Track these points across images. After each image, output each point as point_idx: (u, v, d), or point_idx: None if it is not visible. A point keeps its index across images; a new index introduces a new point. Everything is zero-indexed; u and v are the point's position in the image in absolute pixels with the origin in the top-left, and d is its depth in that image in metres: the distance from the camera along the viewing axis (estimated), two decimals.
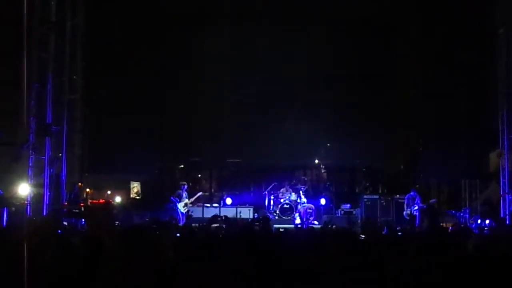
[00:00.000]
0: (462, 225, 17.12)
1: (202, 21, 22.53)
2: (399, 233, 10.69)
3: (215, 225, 11.34)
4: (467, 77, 20.95)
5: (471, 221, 18.55)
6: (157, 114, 22.54)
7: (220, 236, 7.92)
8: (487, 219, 18.31)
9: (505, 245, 6.16)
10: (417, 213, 18.71)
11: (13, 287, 4.47)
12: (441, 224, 17.42)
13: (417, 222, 18.50)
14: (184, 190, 19.79)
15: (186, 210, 19.54)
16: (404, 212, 19.15)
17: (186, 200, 19.59)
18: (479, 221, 18.38)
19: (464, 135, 20.84)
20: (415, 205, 18.81)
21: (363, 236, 9.22)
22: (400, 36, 22.88)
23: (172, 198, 19.61)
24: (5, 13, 16.68)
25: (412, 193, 19.22)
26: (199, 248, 6.33)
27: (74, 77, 19.83)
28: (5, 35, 16.61)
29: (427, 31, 21.94)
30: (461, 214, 19.26)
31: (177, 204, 19.40)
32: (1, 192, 14.26)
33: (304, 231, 10.89)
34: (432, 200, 19.31)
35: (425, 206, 18.79)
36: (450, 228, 13.67)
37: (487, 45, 19.85)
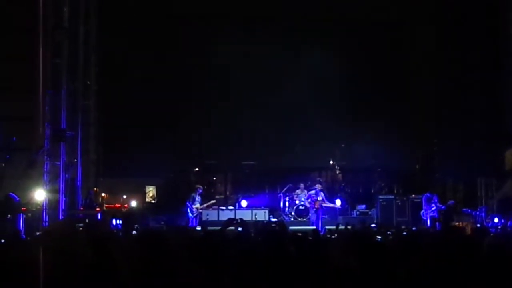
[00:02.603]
0: (479, 225, 17.01)
1: (215, 24, 22.57)
2: (404, 233, 10.65)
3: (231, 228, 11.30)
4: (482, 76, 20.83)
5: (487, 220, 18.43)
6: (171, 117, 22.57)
7: (236, 238, 7.89)
8: (506, 217, 18.16)
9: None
10: (435, 214, 18.57)
11: None
12: (457, 223, 17.32)
13: (436, 222, 18.32)
14: (198, 194, 19.78)
15: (195, 214, 19.51)
16: (421, 212, 19.03)
17: (198, 205, 19.58)
18: (496, 219, 18.23)
19: (479, 133, 20.70)
20: (433, 205, 18.67)
21: (379, 237, 9.18)
22: (412, 36, 22.80)
23: (187, 202, 19.61)
24: (19, 20, 16.83)
25: (428, 193, 19.09)
26: (215, 251, 6.32)
27: (88, 82, 19.94)
28: (20, 42, 16.75)
29: (439, 30, 21.86)
30: (477, 213, 19.14)
31: (190, 208, 19.43)
32: (18, 199, 14.34)
33: (319, 233, 10.85)
34: (450, 202, 19.13)
35: (443, 207, 18.64)
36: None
37: (501, 43, 19.73)
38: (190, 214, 19.41)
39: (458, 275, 5.35)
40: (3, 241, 8.80)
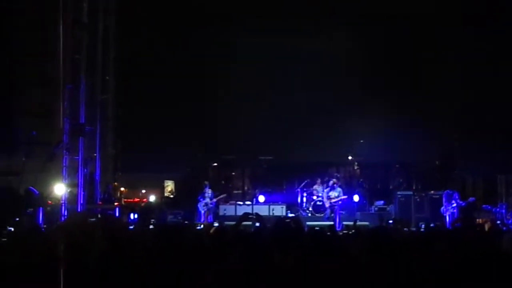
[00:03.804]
0: (499, 221, 16.86)
1: (233, 20, 22.48)
2: (421, 230, 10.60)
3: (247, 223, 11.30)
4: (502, 70, 20.61)
5: (507, 217, 18.26)
6: (189, 112, 22.57)
7: (251, 233, 7.86)
8: None
9: None
10: (456, 211, 18.44)
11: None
12: (477, 220, 17.18)
13: (455, 219, 18.19)
14: (206, 189, 19.93)
15: (206, 209, 19.66)
16: (442, 209, 18.89)
17: (207, 200, 19.75)
18: None
19: (500, 129, 20.50)
20: (453, 202, 18.53)
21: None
22: (431, 29, 22.52)
23: (199, 197, 19.84)
24: (39, 16, 16.98)
25: (449, 190, 18.95)
26: (229, 246, 6.32)
27: (107, 77, 20.01)
28: (39, 37, 16.90)
29: (459, 22, 21.60)
30: (498, 209, 18.95)
31: (200, 203, 19.62)
32: (37, 193, 14.46)
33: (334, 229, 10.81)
34: (471, 199, 18.94)
35: (463, 204, 18.48)
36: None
37: None
38: (200, 209, 19.64)
39: (474, 272, 5.31)
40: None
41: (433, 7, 22.01)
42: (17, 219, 11.96)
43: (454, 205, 18.47)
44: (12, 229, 9.99)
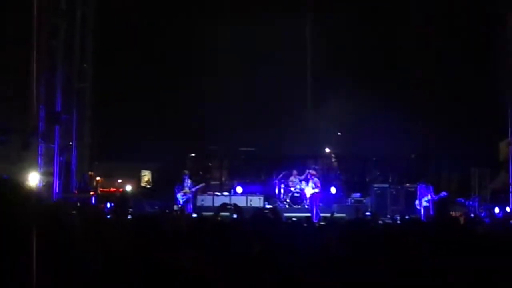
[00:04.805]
0: (472, 214, 17.04)
1: (213, 8, 22.36)
2: (398, 221, 10.71)
3: (225, 213, 11.26)
4: (478, 66, 20.80)
5: (480, 210, 18.48)
6: (168, 102, 22.44)
7: (229, 223, 7.85)
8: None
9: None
10: (429, 204, 18.57)
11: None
12: (451, 212, 17.33)
13: (430, 212, 18.34)
14: (186, 179, 19.77)
15: (184, 199, 19.48)
16: (415, 202, 19.01)
17: (186, 189, 19.61)
18: (497, 209, 18.22)
19: (474, 123, 20.71)
20: (428, 195, 18.65)
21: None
22: (405, 22, 22.56)
23: (175, 188, 19.62)
24: (16, 0, 16.72)
25: (423, 184, 19.08)
26: (207, 236, 6.30)
27: (84, 65, 19.79)
28: (16, 23, 16.63)
29: (432, 17, 21.75)
30: (470, 202, 19.18)
31: (177, 193, 19.44)
32: None
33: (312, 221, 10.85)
34: (443, 193, 19.08)
35: (436, 198, 18.63)
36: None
37: (497, 33, 19.73)
38: (179, 200, 19.46)
39: (450, 263, 5.36)
40: None
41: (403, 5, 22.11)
42: None
43: (428, 198, 18.60)
44: None
